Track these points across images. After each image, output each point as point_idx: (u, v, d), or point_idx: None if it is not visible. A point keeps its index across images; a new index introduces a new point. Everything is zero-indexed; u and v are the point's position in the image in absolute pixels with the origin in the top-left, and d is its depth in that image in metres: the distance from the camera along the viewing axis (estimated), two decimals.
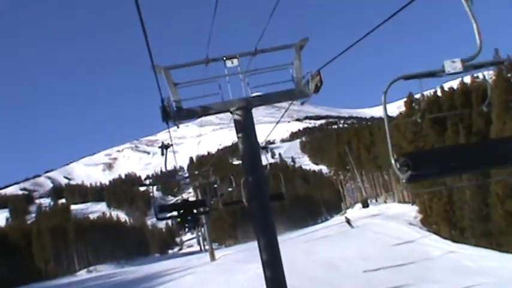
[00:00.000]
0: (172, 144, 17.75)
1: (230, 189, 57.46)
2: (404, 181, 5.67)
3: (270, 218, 10.51)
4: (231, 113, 11.36)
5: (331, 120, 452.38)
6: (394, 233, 46.80)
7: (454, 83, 50.89)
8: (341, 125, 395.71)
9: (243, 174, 11.61)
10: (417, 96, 52.39)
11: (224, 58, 11.62)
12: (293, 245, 49.55)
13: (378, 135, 75.13)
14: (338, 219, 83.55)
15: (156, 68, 10.22)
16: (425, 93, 55.31)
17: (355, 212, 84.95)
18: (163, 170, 20.59)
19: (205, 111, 11.67)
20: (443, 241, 41.22)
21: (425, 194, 49.94)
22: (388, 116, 6.00)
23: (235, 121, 11.39)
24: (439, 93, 50.43)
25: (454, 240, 40.64)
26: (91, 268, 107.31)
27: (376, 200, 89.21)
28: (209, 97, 11.67)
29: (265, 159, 14.84)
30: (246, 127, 11.29)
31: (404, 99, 55.22)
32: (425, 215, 49.58)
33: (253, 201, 10.67)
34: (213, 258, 56.12)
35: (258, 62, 11.83)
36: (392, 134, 43.70)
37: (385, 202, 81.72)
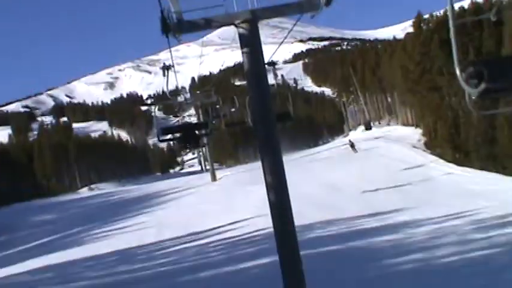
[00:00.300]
0: (173, 65, 17.85)
1: (233, 109, 56.77)
2: (474, 97, 4.58)
3: (275, 139, 9.96)
4: (236, 26, 10.77)
5: (334, 41, 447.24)
6: (397, 156, 46.37)
7: (465, 3, 49.49)
8: (344, 47, 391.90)
9: (247, 93, 10.94)
10: (426, 16, 51.20)
11: None
12: (296, 166, 49.36)
13: (383, 57, 74.05)
14: (341, 141, 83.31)
15: None
16: (434, 13, 54.13)
17: (358, 134, 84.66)
18: (165, 90, 20.36)
19: (208, 23, 11.00)
20: (447, 164, 40.73)
21: (430, 117, 49.49)
22: (453, 13, 4.84)
23: (240, 35, 10.79)
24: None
25: (458, 163, 40.20)
26: (93, 186, 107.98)
27: (379, 123, 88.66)
28: (212, 9, 11.00)
29: (273, 78, 14.32)
30: (251, 42, 10.71)
31: (412, 20, 53.70)
32: (429, 138, 49.21)
33: (258, 121, 10.07)
34: (214, 178, 55.98)
35: None
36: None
37: (389, 125, 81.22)
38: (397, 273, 17.17)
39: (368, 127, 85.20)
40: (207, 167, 76.77)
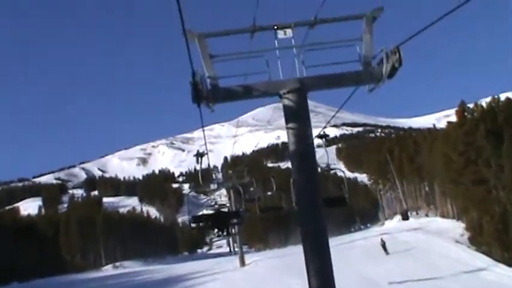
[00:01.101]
0: (207, 153, 17.29)
1: (269, 193, 54.83)
2: None
3: (322, 225, 8.89)
4: (280, 96, 9.33)
5: (368, 128, 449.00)
6: (440, 251, 43.39)
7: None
8: (378, 134, 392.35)
9: (284, 175, 9.06)
10: (470, 105, 49.31)
11: (275, 27, 9.35)
12: (332, 253, 46.69)
13: (423, 145, 72.06)
14: (376, 230, 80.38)
15: (188, 34, 7.92)
16: (479, 102, 52.30)
17: (394, 223, 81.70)
18: (198, 175, 19.57)
19: (248, 92, 9.41)
20: (497, 264, 37.61)
21: (474, 210, 46.84)
22: None
23: (285, 107, 9.35)
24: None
25: (508, 263, 37.19)
26: (117, 264, 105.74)
27: (417, 213, 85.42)
28: (253, 76, 9.47)
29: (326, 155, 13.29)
30: (298, 115, 9.19)
31: (455, 109, 51.80)
32: (474, 233, 46.29)
33: (303, 207, 8.88)
34: (242, 263, 53.47)
35: (317, 34, 9.54)
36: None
37: (427, 216, 78.15)
38: None
39: (405, 217, 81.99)
40: (236, 249, 74.21)
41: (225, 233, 17.81)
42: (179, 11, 5.93)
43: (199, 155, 16.60)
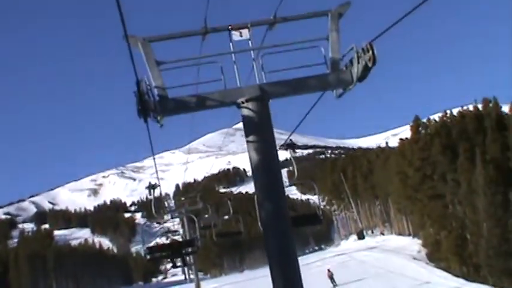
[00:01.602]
0: (159, 185, 17.43)
1: (226, 216, 53.30)
2: None
3: (292, 246, 7.90)
4: (238, 106, 8.20)
5: (318, 150, 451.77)
6: (399, 269, 42.81)
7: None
8: (328, 155, 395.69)
9: (256, 192, 8.15)
10: (424, 120, 49.18)
11: (229, 28, 8.33)
12: None
13: (375, 163, 71.98)
14: (332, 250, 79.75)
15: (130, 39, 6.96)
16: (432, 117, 52.35)
17: (350, 243, 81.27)
18: (153, 211, 19.46)
19: (202, 102, 8.38)
20: (456, 279, 37.16)
21: (431, 227, 46.47)
22: None
23: (244, 118, 8.23)
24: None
25: (469, 279, 36.72)
26: None
27: (372, 232, 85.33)
28: (206, 84, 8.45)
29: (293, 165, 12.51)
30: (260, 126, 8.03)
31: (403, 127, 51.63)
32: (432, 249, 45.87)
33: (269, 226, 7.93)
34: None
35: (276, 35, 8.64)
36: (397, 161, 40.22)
37: (383, 234, 78.04)
38: None
39: (361, 236, 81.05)
40: (191, 276, 72.10)
41: (180, 263, 18.74)
42: (120, 14, 5.10)
43: (151, 187, 16.49)
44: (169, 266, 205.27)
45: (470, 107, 46.32)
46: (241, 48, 8.42)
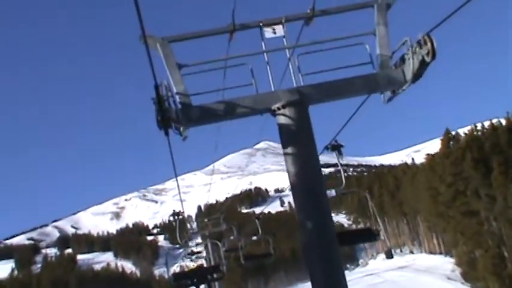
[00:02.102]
0: (183, 212, 18.70)
1: (254, 237, 51.81)
2: None
3: (340, 271, 6.77)
4: (273, 113, 7.13)
5: (339, 168, 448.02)
6: None
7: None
8: (350, 173, 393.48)
9: (296, 210, 6.99)
10: (453, 132, 47.52)
11: (261, 24, 7.18)
12: None
13: (403, 180, 70.30)
14: (361, 270, 77.71)
15: (148, 40, 6.01)
16: (462, 130, 50.78)
17: (378, 263, 79.23)
18: (178, 239, 19.69)
19: (231, 110, 7.14)
20: None
21: (465, 244, 44.74)
22: None
23: (281, 126, 7.12)
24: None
25: None
26: None
27: (401, 250, 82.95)
28: (235, 89, 7.36)
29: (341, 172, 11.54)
30: (299, 135, 6.69)
31: (441, 138, 49.60)
32: (468, 268, 44.00)
33: (312, 248, 6.80)
34: None
35: (314, 32, 7.52)
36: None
37: (412, 252, 75.86)
38: None
39: (389, 256, 78.20)
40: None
41: None
42: (137, 12, 4.48)
43: (176, 214, 19.05)
44: None
45: (502, 120, 44.86)
46: (274, 47, 7.33)
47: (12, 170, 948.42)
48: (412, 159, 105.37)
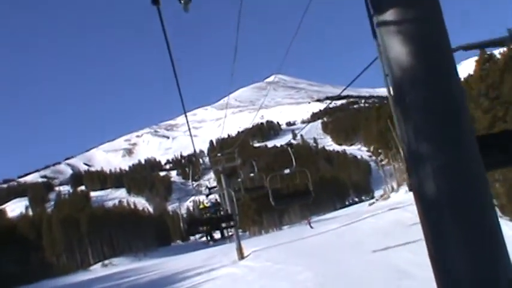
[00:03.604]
0: (190, 129, 17.80)
1: (251, 174, 48.18)
2: None
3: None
4: None
5: (352, 100, 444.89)
6: None
7: None
8: (362, 105, 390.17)
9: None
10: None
11: None
12: (353, 248, 40.27)
13: None
14: (384, 204, 73.58)
15: None
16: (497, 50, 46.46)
17: (401, 195, 75.38)
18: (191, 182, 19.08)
19: None
20: None
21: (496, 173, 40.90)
22: None
23: None
24: None
25: None
26: (106, 262, 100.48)
27: None
28: None
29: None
30: None
31: (475, 58, 44.88)
32: (506, 201, 40.48)
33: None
34: (241, 256, 47.64)
35: None
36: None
37: None
38: None
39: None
40: (230, 233, 66.91)
41: (219, 237, 23.31)
42: None
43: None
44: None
45: None
46: None
47: (25, 108, 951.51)
48: None
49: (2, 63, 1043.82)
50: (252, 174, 49.21)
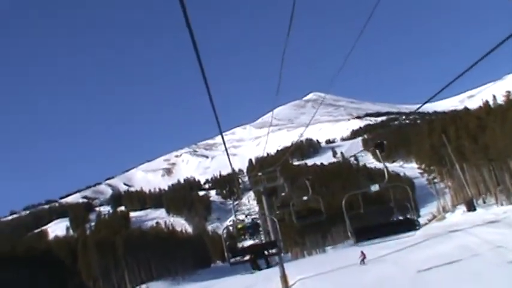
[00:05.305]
0: (226, 147, 16.88)
1: (305, 198, 43.44)
2: None
3: None
4: None
5: (392, 116, 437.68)
6: None
7: None
8: (403, 121, 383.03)
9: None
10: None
11: None
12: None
13: (487, 120, 60.46)
14: (438, 226, 67.47)
15: None
16: None
17: (458, 216, 68.84)
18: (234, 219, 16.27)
19: None
20: None
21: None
22: None
23: None
24: None
25: None
26: (143, 286, 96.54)
27: (484, 202, 71.18)
28: None
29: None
30: None
31: (479, 88, 39.66)
32: None
33: None
34: (285, 285, 42.89)
35: None
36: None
37: (501, 204, 64.27)
38: None
39: (471, 208, 68.34)
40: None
41: (264, 266, 18.44)
42: None
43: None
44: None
45: None
46: None
47: (67, 129, 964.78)
48: (494, 96, 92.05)
49: (48, 85, 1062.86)
50: (305, 198, 43.32)
